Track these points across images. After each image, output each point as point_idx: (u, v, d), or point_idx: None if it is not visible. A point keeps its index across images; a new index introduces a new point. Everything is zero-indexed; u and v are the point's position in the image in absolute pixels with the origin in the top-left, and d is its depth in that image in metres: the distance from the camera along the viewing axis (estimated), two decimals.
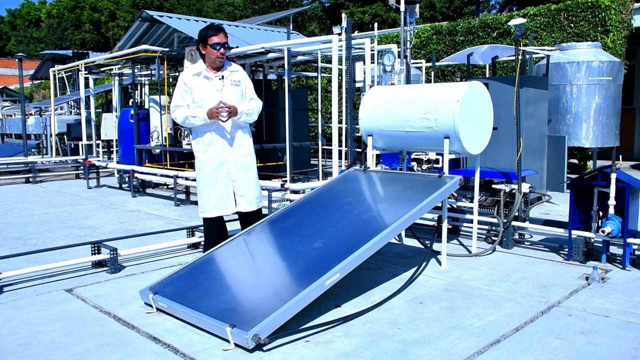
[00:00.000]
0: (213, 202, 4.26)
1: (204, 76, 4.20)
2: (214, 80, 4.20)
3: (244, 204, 4.33)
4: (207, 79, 4.20)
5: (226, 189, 4.27)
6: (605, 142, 8.27)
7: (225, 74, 4.23)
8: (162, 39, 10.07)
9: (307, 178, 8.49)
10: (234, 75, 4.28)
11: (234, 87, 4.25)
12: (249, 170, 4.35)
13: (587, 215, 4.48)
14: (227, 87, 4.22)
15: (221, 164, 4.24)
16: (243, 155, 4.31)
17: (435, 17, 29.07)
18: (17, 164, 11.27)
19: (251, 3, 33.98)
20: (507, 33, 11.75)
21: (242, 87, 4.31)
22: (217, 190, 4.25)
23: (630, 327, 3.14)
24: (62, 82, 17.31)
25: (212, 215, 4.29)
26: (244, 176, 4.32)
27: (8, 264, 4.43)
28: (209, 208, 4.29)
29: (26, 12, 50.64)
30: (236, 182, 4.29)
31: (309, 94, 13.02)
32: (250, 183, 4.35)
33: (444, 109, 4.32)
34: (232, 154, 4.25)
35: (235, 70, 4.33)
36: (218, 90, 4.18)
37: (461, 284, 3.94)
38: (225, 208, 4.29)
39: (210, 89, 4.18)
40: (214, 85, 4.19)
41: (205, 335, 3.09)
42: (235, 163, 4.27)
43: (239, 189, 4.30)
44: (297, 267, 3.50)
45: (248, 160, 4.35)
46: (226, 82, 4.22)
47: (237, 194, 4.30)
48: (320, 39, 7.45)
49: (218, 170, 4.24)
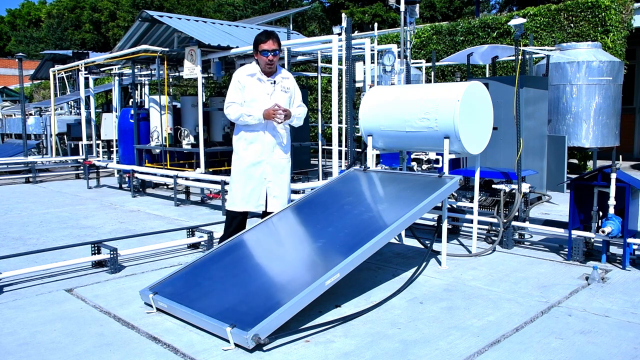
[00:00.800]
0: (243, 197, 4.34)
1: (258, 78, 4.31)
2: (265, 84, 4.31)
3: (277, 205, 4.41)
4: (260, 81, 4.31)
5: (258, 187, 4.34)
6: (605, 142, 8.27)
7: (277, 79, 4.35)
8: (162, 39, 10.05)
9: (307, 178, 8.50)
10: (285, 82, 4.40)
11: (283, 94, 4.36)
12: (283, 173, 4.44)
13: (587, 215, 4.48)
14: (277, 92, 4.33)
15: (259, 163, 4.32)
16: (281, 158, 4.41)
17: (435, 17, 29.07)
18: (17, 164, 11.27)
19: (251, 3, 33.97)
20: (507, 33, 11.75)
21: (291, 94, 4.43)
22: (249, 187, 4.33)
23: (630, 327, 3.14)
24: (62, 82, 17.30)
25: (239, 209, 4.37)
26: (279, 178, 4.41)
27: (8, 264, 4.43)
28: (237, 202, 4.37)
29: (26, 12, 50.63)
30: (271, 183, 4.37)
31: (309, 94, 13.01)
32: (284, 185, 4.45)
33: (444, 109, 4.32)
34: (270, 156, 4.35)
35: (287, 77, 4.44)
36: (269, 94, 4.29)
37: (461, 284, 3.94)
38: (252, 205, 4.36)
39: (261, 91, 4.29)
40: (265, 89, 4.30)
41: (205, 335, 3.09)
42: (272, 164, 4.36)
43: (273, 190, 4.38)
44: (296, 267, 3.50)
45: (285, 163, 4.45)
46: (277, 87, 4.34)
47: (270, 194, 4.38)
48: (320, 39, 7.46)
49: (254, 168, 4.33)
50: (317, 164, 8.69)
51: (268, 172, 4.35)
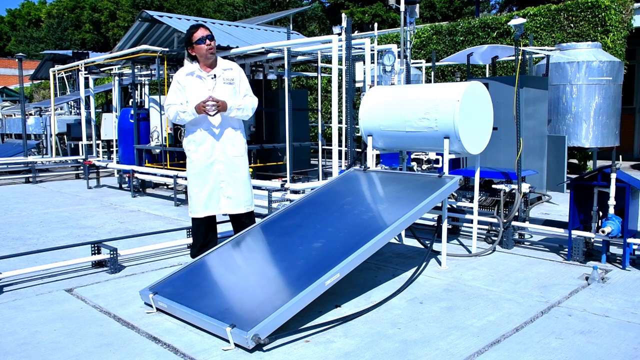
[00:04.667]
0: (202, 202, 4.26)
1: (197, 75, 4.23)
2: (206, 80, 4.22)
3: (231, 206, 4.29)
4: (199, 78, 4.23)
5: (215, 189, 4.25)
6: (605, 142, 8.27)
7: (217, 72, 4.25)
8: (162, 39, 10.06)
9: (307, 178, 8.50)
10: (227, 74, 4.28)
11: (227, 86, 4.25)
12: (238, 172, 4.31)
13: (587, 215, 4.48)
14: (219, 85, 4.23)
15: (211, 164, 4.23)
16: (234, 156, 4.28)
17: (435, 17, 29.08)
18: (17, 164, 11.26)
19: (251, 3, 33.98)
20: (507, 33, 11.75)
21: (236, 85, 4.31)
22: (206, 191, 4.24)
23: (630, 327, 3.13)
24: (62, 82, 17.30)
25: (200, 215, 4.28)
26: (233, 177, 4.29)
27: (8, 264, 4.43)
28: (197, 208, 4.28)
29: (26, 12, 50.65)
30: (224, 183, 4.26)
31: (309, 94, 13.02)
32: (239, 185, 4.31)
33: (444, 109, 4.32)
34: (222, 154, 4.24)
35: (229, 68, 4.32)
36: (210, 90, 4.20)
37: (461, 284, 3.94)
38: (214, 209, 4.27)
39: (202, 88, 4.20)
40: (206, 85, 4.21)
41: (205, 335, 3.09)
42: (225, 163, 4.25)
43: (226, 190, 4.27)
44: (297, 267, 3.50)
45: (239, 161, 4.31)
46: (218, 80, 4.23)
47: (224, 195, 4.27)
48: (320, 39, 7.45)
49: (207, 170, 4.23)
50: (317, 164, 8.69)
51: (222, 172, 4.23)
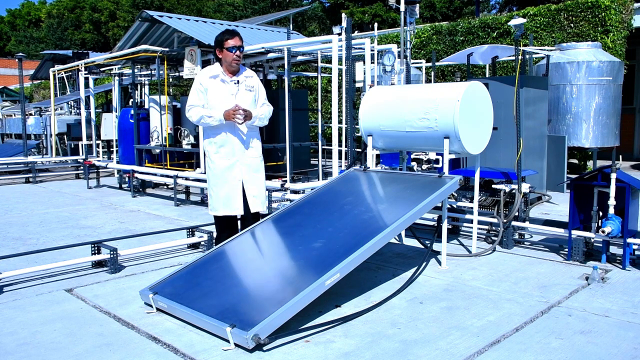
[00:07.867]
0: (221, 201, 4.32)
1: (221, 79, 4.27)
2: (229, 85, 4.27)
3: (258, 204, 4.39)
4: (223, 82, 4.27)
5: (235, 189, 4.31)
6: (605, 142, 8.27)
7: (240, 78, 4.31)
8: (162, 39, 10.06)
9: (307, 178, 8.49)
10: (249, 81, 4.35)
11: (248, 93, 4.32)
12: (258, 172, 4.42)
13: (587, 215, 4.48)
14: (242, 92, 4.29)
15: (232, 165, 4.29)
16: (253, 158, 4.38)
17: (435, 17, 29.07)
18: (17, 164, 11.26)
19: (251, 3, 33.98)
20: (507, 33, 11.75)
21: (255, 93, 4.39)
22: (225, 191, 4.30)
23: (630, 327, 3.14)
24: (62, 82, 17.30)
25: (220, 214, 4.36)
26: (255, 177, 4.39)
27: (8, 264, 4.43)
28: (217, 207, 4.36)
29: (26, 12, 50.64)
30: (248, 184, 4.35)
31: (309, 94, 13.01)
32: (261, 184, 4.44)
33: (444, 109, 4.32)
34: (242, 156, 4.32)
35: (250, 75, 4.40)
36: (233, 95, 4.25)
37: (461, 284, 3.94)
38: (233, 208, 4.33)
39: (225, 92, 4.25)
40: (229, 89, 4.26)
41: (205, 335, 3.09)
42: (246, 164, 4.34)
43: (251, 189, 4.36)
44: (297, 267, 3.50)
45: (258, 162, 4.42)
46: (241, 87, 4.29)
47: (250, 194, 4.35)
48: (320, 39, 7.45)
49: (228, 171, 4.30)
50: (317, 164, 8.69)
51: (244, 173, 4.32)
